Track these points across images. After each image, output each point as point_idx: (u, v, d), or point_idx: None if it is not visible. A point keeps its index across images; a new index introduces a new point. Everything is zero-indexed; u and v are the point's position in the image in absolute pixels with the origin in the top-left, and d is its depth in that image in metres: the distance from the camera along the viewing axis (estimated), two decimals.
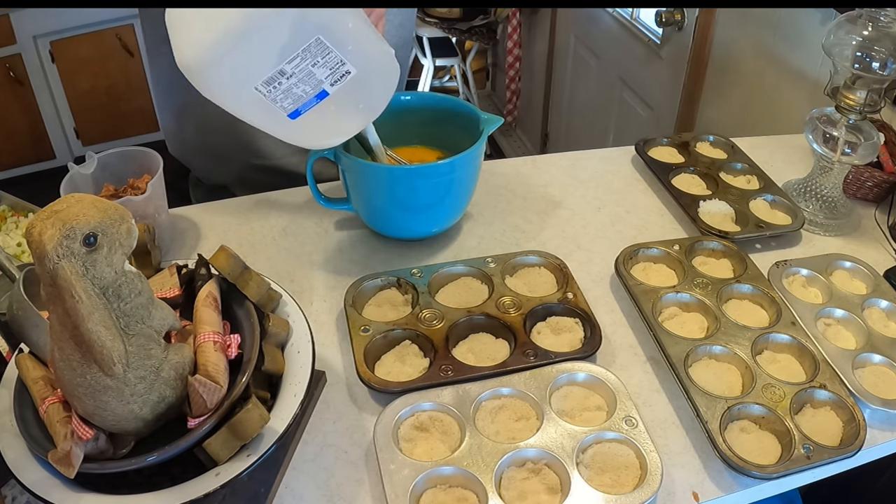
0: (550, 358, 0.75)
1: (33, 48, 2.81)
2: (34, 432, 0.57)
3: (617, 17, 2.23)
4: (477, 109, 0.93)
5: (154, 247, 0.71)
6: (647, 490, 0.62)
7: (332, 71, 0.72)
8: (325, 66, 0.71)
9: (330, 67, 0.72)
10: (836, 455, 0.67)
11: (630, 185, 1.09)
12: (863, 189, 1.07)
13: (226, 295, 0.66)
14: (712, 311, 0.82)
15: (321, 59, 0.71)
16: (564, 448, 0.65)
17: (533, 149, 3.22)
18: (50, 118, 3.00)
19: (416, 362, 0.75)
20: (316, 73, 0.71)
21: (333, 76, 0.72)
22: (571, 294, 0.83)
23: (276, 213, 1.00)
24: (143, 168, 0.89)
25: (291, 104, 0.73)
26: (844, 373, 0.75)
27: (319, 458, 0.68)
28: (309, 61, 0.70)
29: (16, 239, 1.02)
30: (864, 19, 0.90)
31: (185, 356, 0.57)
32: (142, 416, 0.55)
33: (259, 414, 0.56)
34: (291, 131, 0.76)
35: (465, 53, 3.42)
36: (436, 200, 0.89)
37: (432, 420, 0.69)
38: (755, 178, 1.08)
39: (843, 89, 0.95)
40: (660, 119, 2.07)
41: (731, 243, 0.93)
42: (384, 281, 0.85)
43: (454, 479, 0.64)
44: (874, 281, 0.89)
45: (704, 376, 0.74)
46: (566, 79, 2.72)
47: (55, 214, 0.49)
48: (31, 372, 0.60)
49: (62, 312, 0.50)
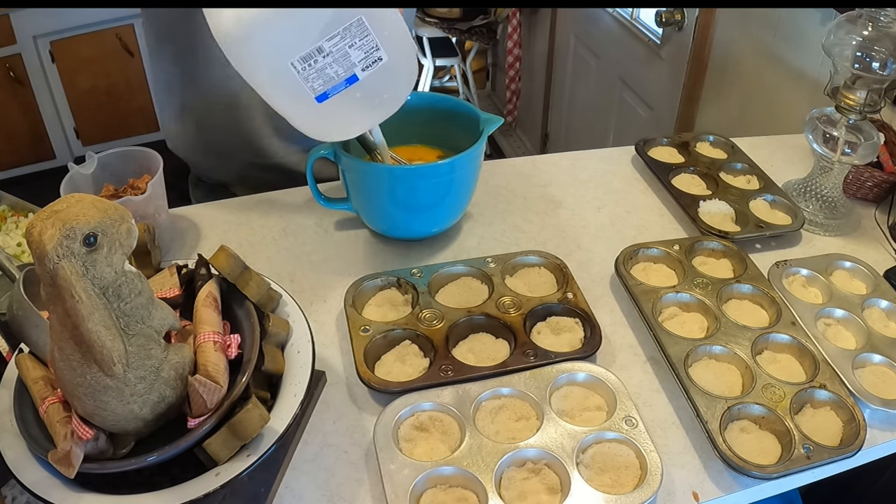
0: (550, 358, 0.75)
1: (33, 48, 2.81)
2: (34, 432, 0.57)
3: (617, 17, 2.23)
4: (477, 109, 0.93)
5: (154, 247, 0.71)
6: (647, 490, 0.62)
7: (366, 55, 0.72)
8: (361, 49, 0.72)
9: (365, 51, 0.72)
10: (836, 455, 0.67)
11: (630, 185, 1.09)
12: (863, 189, 1.07)
13: (226, 295, 0.66)
14: (712, 311, 0.82)
15: (359, 40, 0.71)
16: (564, 448, 0.65)
17: (533, 149, 3.22)
18: (50, 118, 3.00)
19: (416, 362, 0.75)
20: (351, 56, 0.72)
21: (366, 61, 0.73)
22: (571, 294, 0.83)
23: (276, 213, 1.00)
24: (143, 168, 0.89)
25: (322, 85, 0.73)
26: (844, 373, 0.75)
27: (319, 458, 0.68)
28: (347, 41, 0.71)
29: (16, 239, 1.02)
30: (864, 19, 0.90)
31: (185, 356, 0.57)
32: (142, 416, 0.55)
33: (259, 414, 0.56)
34: (313, 116, 0.76)
35: (465, 53, 3.42)
36: (436, 200, 0.89)
37: (432, 420, 0.69)
38: (755, 178, 1.08)
39: (843, 89, 0.95)
40: (660, 119, 2.07)
41: (731, 243, 0.93)
42: (384, 281, 0.85)
43: (454, 479, 0.64)
44: (874, 281, 0.89)
45: (704, 376, 0.74)
46: (566, 79, 2.72)
47: (55, 214, 0.49)
48: (31, 372, 0.60)
49: (62, 312, 0.50)
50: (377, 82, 0.75)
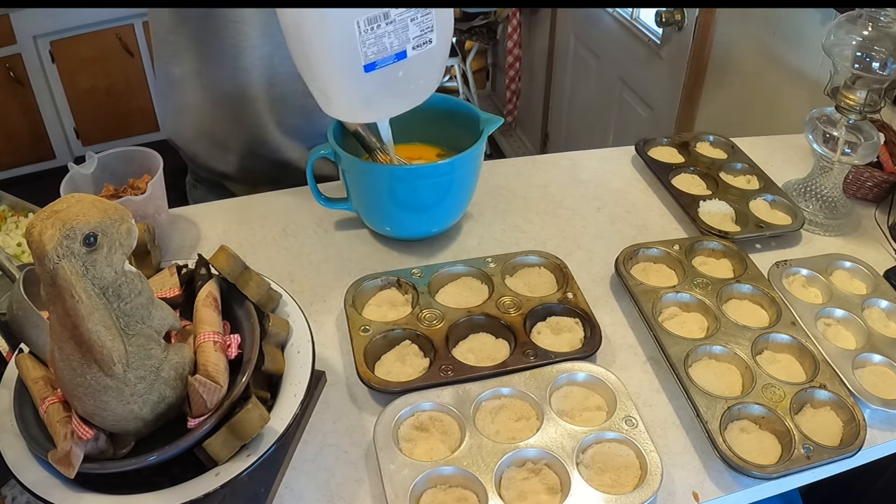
0: (550, 358, 0.75)
1: (33, 48, 2.81)
2: (34, 432, 0.57)
3: (617, 17, 2.23)
4: (477, 109, 0.93)
5: (154, 247, 0.71)
6: (647, 490, 0.62)
7: (421, 33, 0.73)
8: (419, 25, 0.73)
9: (422, 29, 0.73)
10: (836, 455, 0.67)
11: (630, 185, 1.09)
12: (863, 189, 1.07)
13: (226, 295, 0.66)
14: (712, 311, 0.82)
15: (420, 17, 0.72)
16: (564, 448, 0.65)
17: (533, 149, 3.22)
18: (50, 118, 3.00)
19: (416, 362, 0.75)
20: (410, 29, 0.72)
21: (420, 39, 0.74)
22: (571, 294, 0.83)
23: (276, 213, 1.00)
24: (143, 168, 0.89)
25: (375, 53, 0.73)
26: (844, 373, 0.75)
27: (319, 458, 0.68)
28: (411, 14, 0.71)
29: (16, 239, 1.02)
30: (864, 19, 0.90)
31: (185, 356, 0.57)
32: (142, 416, 0.55)
33: (259, 414, 0.56)
34: (352, 86, 0.75)
35: (465, 53, 3.42)
36: (436, 200, 0.89)
37: (432, 420, 0.69)
38: (755, 178, 1.08)
39: (843, 89, 0.95)
40: (660, 119, 2.07)
41: (731, 243, 0.93)
42: (384, 281, 0.85)
43: (454, 479, 0.64)
44: (874, 281, 0.89)
45: (704, 376, 0.74)
46: (566, 79, 2.72)
47: (55, 214, 0.49)
48: (31, 372, 0.60)
49: (62, 312, 0.50)
50: (420, 65, 0.76)
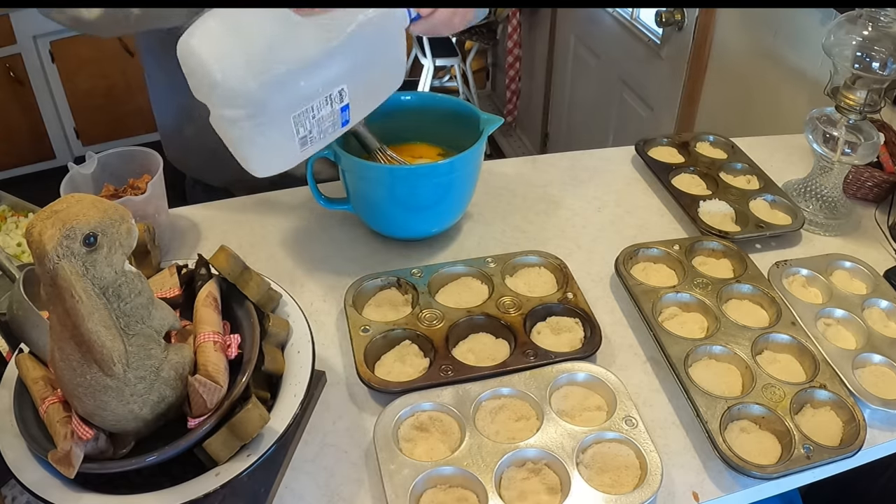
0: (550, 358, 0.75)
1: (33, 48, 2.81)
2: (34, 432, 0.57)
3: (617, 17, 2.23)
4: (477, 109, 0.93)
5: (154, 247, 0.71)
6: (647, 490, 0.62)
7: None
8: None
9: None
10: (836, 455, 0.67)
11: (630, 185, 1.09)
12: (863, 189, 1.07)
13: (226, 295, 0.66)
14: (712, 311, 0.82)
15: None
16: (564, 448, 0.65)
17: (533, 149, 3.22)
18: (50, 118, 3.00)
19: (416, 362, 0.75)
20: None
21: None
22: (571, 294, 0.83)
23: (276, 213, 1.00)
24: (143, 168, 0.89)
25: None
26: (844, 373, 0.75)
27: (319, 458, 0.68)
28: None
29: (16, 239, 1.02)
30: (864, 19, 0.90)
31: (185, 356, 0.57)
32: (142, 416, 0.55)
33: (259, 414, 0.56)
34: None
35: (465, 53, 3.42)
36: (436, 200, 0.89)
37: (432, 420, 0.69)
38: (755, 178, 1.08)
39: (843, 89, 0.95)
40: (660, 119, 2.07)
41: (731, 243, 0.93)
42: (384, 281, 0.85)
43: (454, 479, 0.64)
44: (874, 281, 0.89)
45: (704, 376, 0.74)
46: (566, 79, 2.72)
47: (55, 214, 0.49)
48: (31, 372, 0.60)
49: (62, 312, 0.50)
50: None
